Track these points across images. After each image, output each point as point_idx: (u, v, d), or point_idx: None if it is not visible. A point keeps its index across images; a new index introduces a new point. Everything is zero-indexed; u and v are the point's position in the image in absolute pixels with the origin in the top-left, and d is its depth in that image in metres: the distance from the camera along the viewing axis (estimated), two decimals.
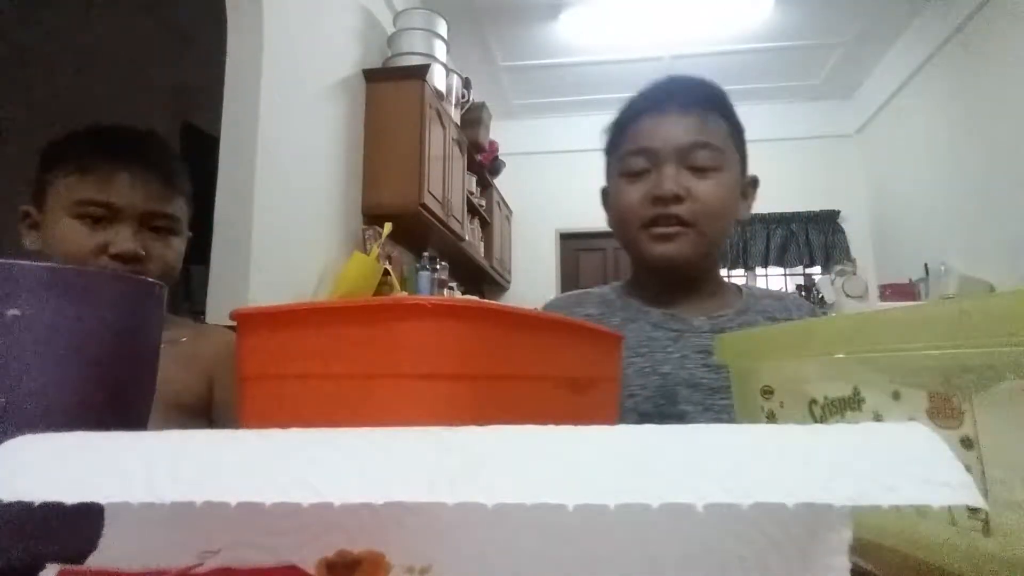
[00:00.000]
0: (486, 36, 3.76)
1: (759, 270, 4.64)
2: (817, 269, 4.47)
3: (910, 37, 3.73)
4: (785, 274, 4.66)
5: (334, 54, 2.48)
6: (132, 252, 0.73)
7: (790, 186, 4.47)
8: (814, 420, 0.35)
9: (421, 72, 2.68)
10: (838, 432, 0.19)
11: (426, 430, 0.20)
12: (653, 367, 0.74)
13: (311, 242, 2.25)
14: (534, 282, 4.73)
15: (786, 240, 4.54)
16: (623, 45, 3.86)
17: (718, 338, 0.47)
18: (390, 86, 2.68)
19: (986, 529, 0.24)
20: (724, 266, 4.43)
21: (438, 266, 3.05)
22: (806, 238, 4.51)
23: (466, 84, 3.32)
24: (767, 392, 0.40)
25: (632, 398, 0.73)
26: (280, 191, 2.01)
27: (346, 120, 2.54)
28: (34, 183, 0.77)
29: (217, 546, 0.21)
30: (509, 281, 4.75)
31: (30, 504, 0.16)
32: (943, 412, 0.26)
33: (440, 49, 2.88)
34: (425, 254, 3.01)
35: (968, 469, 0.20)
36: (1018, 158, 2.89)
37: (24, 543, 0.28)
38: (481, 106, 3.63)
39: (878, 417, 0.30)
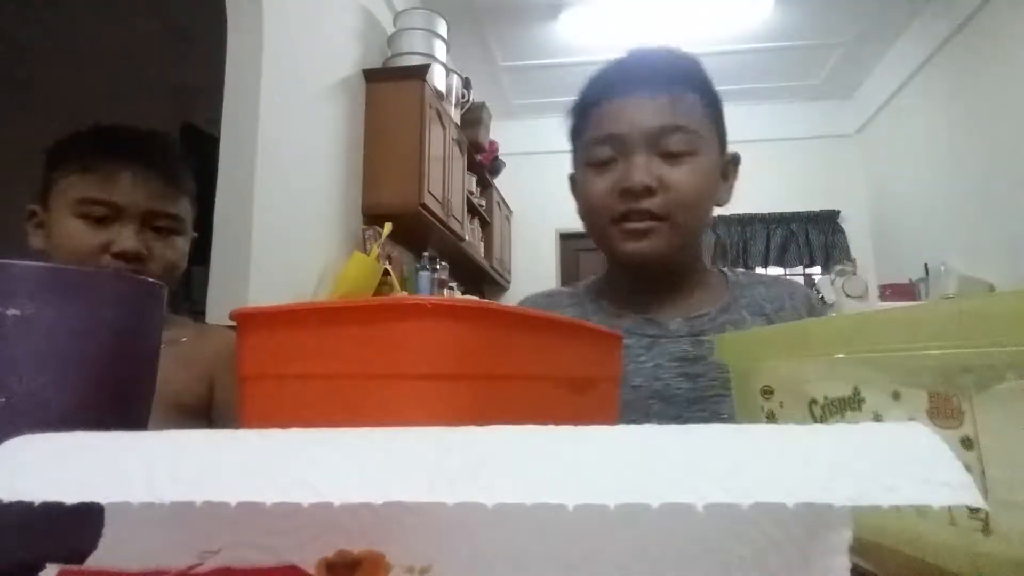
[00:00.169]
0: (486, 36, 3.76)
1: (759, 270, 4.65)
2: (817, 269, 4.47)
3: (910, 37, 3.73)
4: (785, 274, 4.66)
5: (334, 54, 2.48)
6: (134, 251, 0.73)
7: (790, 186, 4.48)
8: (814, 420, 0.35)
9: (421, 72, 2.68)
10: (838, 432, 0.19)
11: (426, 430, 0.20)
12: (624, 379, 0.72)
13: (311, 242, 2.25)
14: (534, 282, 4.71)
15: (786, 240, 4.54)
16: (623, 45, 3.84)
17: (718, 338, 0.47)
18: (390, 86, 2.68)
19: (986, 529, 0.24)
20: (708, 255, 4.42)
21: (438, 266, 3.05)
22: (806, 238, 4.51)
23: (466, 84, 3.32)
24: (767, 392, 0.40)
25: None
26: (280, 191, 2.01)
27: (346, 120, 2.54)
28: (40, 182, 0.78)
29: (217, 546, 0.21)
30: (509, 281, 4.75)
31: (30, 504, 0.16)
32: (943, 412, 0.26)
33: (440, 49, 2.88)
34: (425, 254, 3.00)
35: (968, 469, 0.19)
36: (1018, 158, 2.89)
37: (24, 543, 0.28)
38: (481, 106, 3.63)
39: (878, 417, 0.30)
